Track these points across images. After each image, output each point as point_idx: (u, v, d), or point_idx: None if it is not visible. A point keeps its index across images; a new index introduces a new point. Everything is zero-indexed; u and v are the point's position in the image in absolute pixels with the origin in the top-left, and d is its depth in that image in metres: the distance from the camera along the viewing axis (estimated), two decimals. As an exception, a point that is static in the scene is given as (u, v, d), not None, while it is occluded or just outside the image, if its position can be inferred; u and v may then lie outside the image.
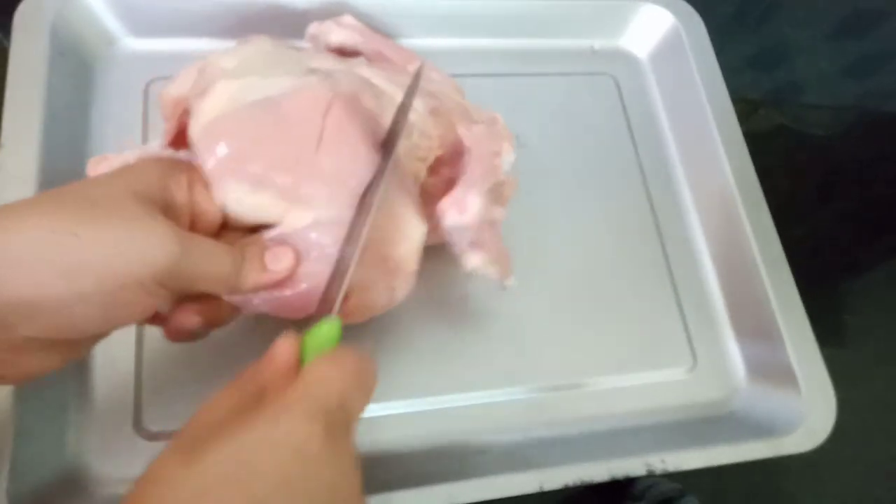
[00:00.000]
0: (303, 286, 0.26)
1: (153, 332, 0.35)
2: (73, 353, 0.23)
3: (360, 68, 0.32)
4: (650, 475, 0.34)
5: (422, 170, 0.32)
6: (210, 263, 0.23)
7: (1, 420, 0.29)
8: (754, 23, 0.89)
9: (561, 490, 0.33)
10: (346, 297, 0.25)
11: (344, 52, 0.38)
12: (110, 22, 0.41)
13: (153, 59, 0.42)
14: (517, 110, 0.46)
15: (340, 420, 0.20)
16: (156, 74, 0.41)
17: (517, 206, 0.42)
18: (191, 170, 0.26)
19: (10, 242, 0.19)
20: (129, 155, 0.30)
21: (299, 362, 0.22)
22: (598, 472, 0.33)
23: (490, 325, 0.39)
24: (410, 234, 0.29)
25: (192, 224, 0.25)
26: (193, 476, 0.17)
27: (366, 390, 0.22)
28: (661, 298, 0.42)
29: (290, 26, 0.44)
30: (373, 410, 0.35)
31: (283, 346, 0.22)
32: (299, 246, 0.26)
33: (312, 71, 0.29)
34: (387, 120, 0.29)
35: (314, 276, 0.26)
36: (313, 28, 0.38)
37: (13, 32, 0.37)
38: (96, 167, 0.30)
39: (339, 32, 0.37)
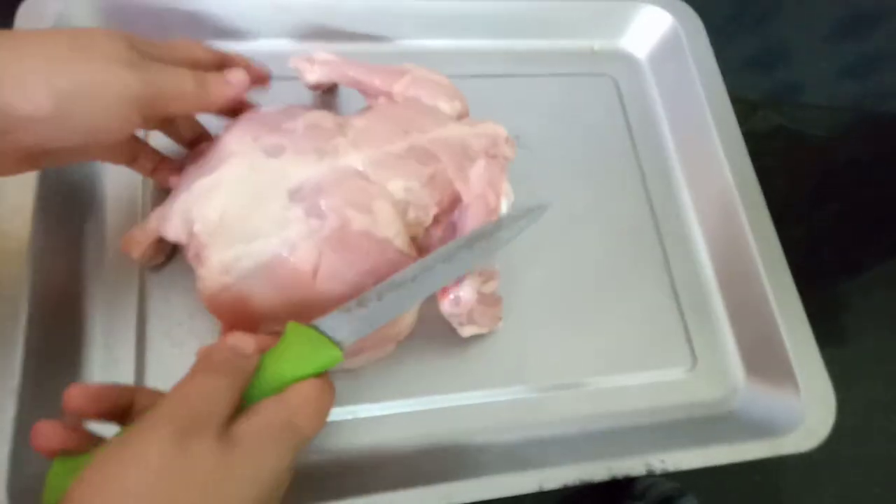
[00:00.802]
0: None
1: (153, 333, 0.35)
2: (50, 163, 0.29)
3: (347, 156, 0.31)
4: (650, 475, 0.34)
5: (420, 232, 0.33)
6: (174, 82, 0.28)
7: (1, 420, 0.29)
8: (753, 23, 0.89)
9: (560, 490, 0.33)
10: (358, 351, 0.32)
11: (323, 88, 0.40)
12: (110, 22, 0.41)
13: (154, 59, 0.42)
14: (517, 111, 0.46)
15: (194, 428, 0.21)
16: (156, 75, 0.41)
17: (518, 205, 0.42)
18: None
19: (10, 67, 0.23)
20: (151, 225, 0.32)
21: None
22: (597, 471, 0.33)
23: (490, 324, 0.39)
24: (408, 310, 0.32)
25: None
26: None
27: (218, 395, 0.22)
28: (660, 298, 0.43)
29: (288, 26, 0.44)
30: (373, 410, 0.35)
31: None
32: None
33: (295, 193, 0.30)
34: (382, 222, 0.31)
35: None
36: (292, 63, 0.39)
37: (14, 33, 0.37)
38: (132, 247, 0.33)
39: (313, 72, 0.38)
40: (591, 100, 0.48)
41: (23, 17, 0.37)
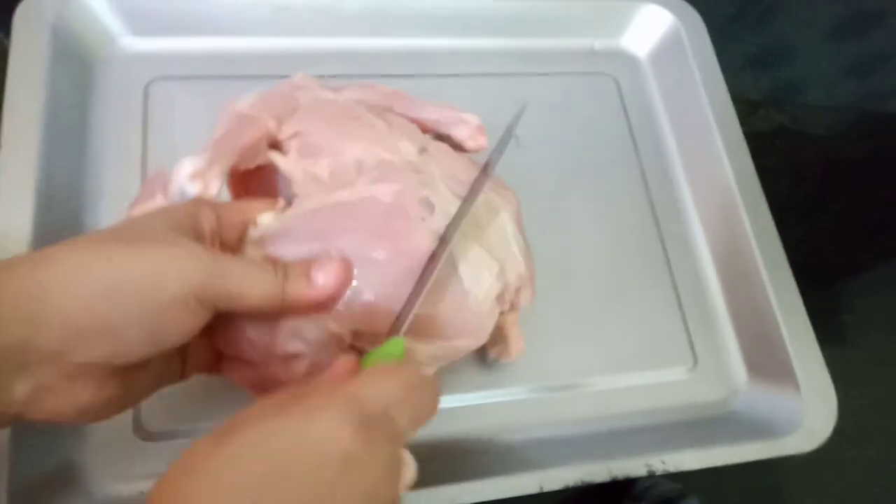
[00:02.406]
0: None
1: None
2: (128, 386, 0.23)
3: (407, 154, 0.30)
4: (650, 476, 0.34)
5: None
6: (248, 278, 0.23)
7: (0, 420, 0.29)
8: (754, 23, 0.89)
9: (561, 490, 0.33)
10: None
11: None
12: (110, 22, 0.41)
13: (153, 59, 0.42)
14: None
15: (382, 427, 0.20)
16: (156, 74, 0.41)
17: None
18: (217, 204, 0.26)
19: (45, 275, 0.20)
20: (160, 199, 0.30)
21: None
22: (598, 472, 0.33)
23: (490, 325, 0.38)
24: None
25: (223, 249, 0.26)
26: (218, 457, 0.18)
27: (419, 407, 0.21)
28: (661, 298, 0.42)
29: (289, 27, 0.44)
30: (373, 411, 0.35)
31: (342, 361, 0.23)
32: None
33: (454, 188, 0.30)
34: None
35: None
36: (169, 187, 0.28)
37: (13, 32, 0.37)
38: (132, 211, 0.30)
39: (213, 182, 0.28)
40: (591, 99, 0.48)
41: (20, 18, 0.37)
